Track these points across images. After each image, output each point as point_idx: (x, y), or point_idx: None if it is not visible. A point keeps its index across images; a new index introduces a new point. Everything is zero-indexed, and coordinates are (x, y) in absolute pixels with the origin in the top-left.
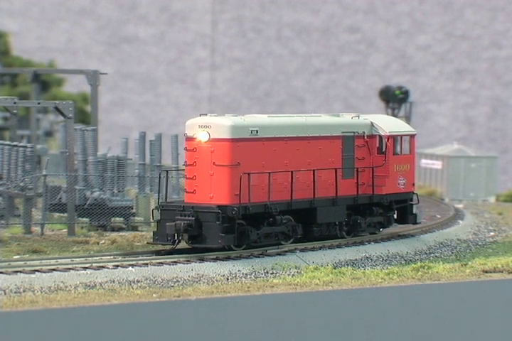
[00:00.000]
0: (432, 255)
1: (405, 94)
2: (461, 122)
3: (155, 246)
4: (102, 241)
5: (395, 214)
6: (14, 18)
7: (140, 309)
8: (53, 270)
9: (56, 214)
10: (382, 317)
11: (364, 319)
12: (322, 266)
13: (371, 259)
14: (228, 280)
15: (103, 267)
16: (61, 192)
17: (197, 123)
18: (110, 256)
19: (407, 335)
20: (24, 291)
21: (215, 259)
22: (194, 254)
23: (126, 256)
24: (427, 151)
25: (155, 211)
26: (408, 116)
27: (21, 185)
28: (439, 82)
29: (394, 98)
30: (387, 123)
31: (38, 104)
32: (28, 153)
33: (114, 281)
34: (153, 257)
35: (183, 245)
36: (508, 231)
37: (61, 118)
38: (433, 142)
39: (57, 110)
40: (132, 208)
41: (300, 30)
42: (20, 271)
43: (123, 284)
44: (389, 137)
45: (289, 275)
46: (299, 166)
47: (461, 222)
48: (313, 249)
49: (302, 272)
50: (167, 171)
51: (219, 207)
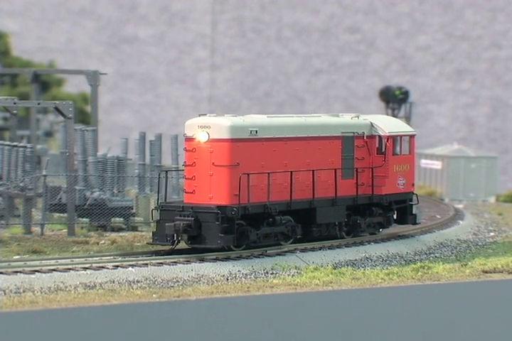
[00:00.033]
0: (432, 255)
1: (405, 95)
2: (461, 122)
3: (155, 247)
4: (102, 242)
5: (394, 214)
6: (14, 18)
7: (140, 309)
8: (53, 270)
9: (56, 215)
10: (382, 317)
11: (364, 319)
12: (322, 266)
13: (371, 259)
14: (228, 280)
15: (103, 267)
16: (61, 192)
17: (196, 124)
18: (110, 256)
19: (407, 335)
20: (24, 291)
21: (214, 259)
22: (194, 255)
23: (126, 257)
24: (427, 151)
25: (154, 211)
26: (408, 116)
27: (21, 185)
28: (439, 83)
29: (394, 98)
30: (387, 124)
31: (38, 104)
32: (28, 153)
33: (114, 281)
34: (153, 257)
35: (182, 245)
36: (508, 231)
37: (61, 118)
38: (433, 142)
39: (57, 110)
40: (132, 208)
41: (300, 31)
42: (20, 272)
43: (123, 284)
44: (388, 137)
45: (288, 275)
46: (298, 166)
47: (461, 223)
48: (313, 250)
49: (302, 272)
50: (166, 171)
51: (218, 207)
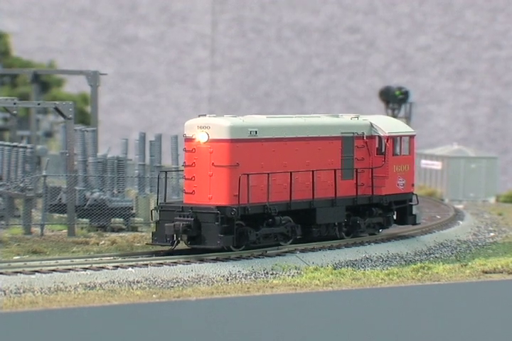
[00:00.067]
0: (432, 256)
1: (405, 95)
2: (461, 123)
3: (155, 247)
4: (102, 242)
5: (394, 214)
6: (14, 18)
7: (140, 310)
8: (53, 271)
9: (56, 215)
10: (382, 317)
11: (364, 319)
12: (322, 266)
13: (371, 260)
14: (228, 280)
15: (103, 268)
16: (61, 192)
17: (196, 124)
18: (110, 256)
19: (407, 335)
20: (24, 292)
21: (215, 260)
22: (193, 255)
23: (126, 257)
24: (427, 152)
25: (154, 212)
26: (408, 116)
27: (21, 185)
28: (439, 83)
29: (394, 98)
30: (387, 124)
31: (38, 104)
32: (28, 153)
33: (114, 282)
34: (153, 258)
35: (182, 246)
36: (508, 231)
37: (61, 118)
38: (433, 142)
39: (57, 111)
40: (132, 209)
41: (300, 31)
42: (20, 272)
43: (123, 285)
44: (388, 138)
45: (289, 275)
46: (298, 167)
47: (461, 223)
48: (313, 250)
49: (302, 273)
50: (166, 172)
51: (218, 207)
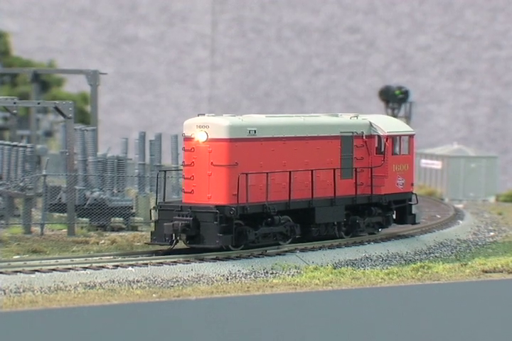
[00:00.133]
0: (432, 255)
1: (405, 95)
2: (461, 122)
3: (154, 246)
4: (102, 241)
5: (393, 214)
6: (14, 18)
7: (140, 309)
8: (53, 270)
9: (56, 214)
10: (382, 317)
11: (364, 319)
12: (322, 266)
13: (371, 259)
14: (228, 280)
15: (103, 267)
16: (61, 192)
17: (195, 124)
18: (110, 256)
19: (407, 335)
20: (24, 291)
21: (214, 259)
22: (192, 254)
23: (125, 256)
24: (427, 151)
25: (153, 211)
26: (408, 116)
27: (21, 185)
28: (439, 83)
29: (394, 98)
30: (386, 124)
31: (38, 104)
32: (27, 153)
33: (113, 281)
34: (153, 257)
35: (182, 245)
36: (507, 231)
37: (61, 118)
38: (433, 142)
39: (57, 110)
40: (132, 208)
41: (300, 31)
42: (20, 271)
43: (123, 284)
44: (388, 137)
45: (288, 275)
46: (297, 166)
47: (461, 222)
48: (313, 249)
49: (302, 272)
50: (165, 171)
51: (217, 207)
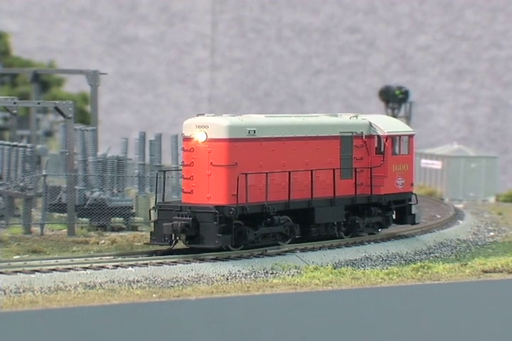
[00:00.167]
0: (432, 255)
1: (405, 95)
2: (461, 122)
3: (154, 247)
4: (102, 241)
5: (393, 214)
6: (14, 18)
7: (140, 309)
8: (53, 270)
9: (56, 215)
10: (382, 317)
11: (364, 319)
12: (322, 266)
13: (371, 259)
14: (228, 280)
15: (103, 267)
16: (61, 192)
17: (194, 124)
18: (110, 256)
19: (407, 335)
20: (24, 291)
21: (214, 259)
22: (192, 254)
23: (125, 256)
24: (427, 151)
25: (152, 211)
26: (408, 116)
27: (21, 185)
28: (439, 83)
29: (394, 98)
30: (386, 124)
31: (38, 104)
32: (27, 153)
33: (113, 281)
34: (153, 257)
35: (181, 245)
36: (507, 231)
37: (61, 118)
38: (433, 142)
39: (57, 110)
40: (132, 208)
41: (300, 31)
42: (20, 271)
43: (123, 284)
44: (387, 137)
45: (288, 275)
46: (296, 166)
47: (460, 222)
48: (313, 249)
49: (302, 272)
50: (164, 171)
51: (216, 207)
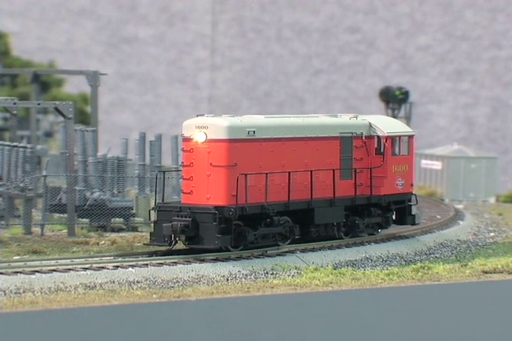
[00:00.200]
0: (432, 256)
1: (405, 95)
2: (461, 123)
3: (155, 247)
4: (102, 242)
5: (393, 215)
6: (14, 18)
7: (140, 310)
8: (53, 271)
9: (56, 215)
10: (382, 317)
11: (364, 319)
12: (322, 266)
13: (371, 260)
14: (228, 280)
15: (103, 268)
16: (61, 192)
17: (194, 124)
18: (110, 256)
19: (407, 336)
20: (24, 292)
21: (215, 260)
22: (192, 255)
23: (126, 257)
24: (427, 152)
25: (152, 212)
26: (408, 116)
27: (21, 185)
28: (439, 83)
29: (394, 98)
30: (386, 124)
31: (38, 104)
32: (28, 153)
33: (114, 282)
34: (153, 258)
35: (181, 246)
36: (508, 231)
37: (61, 118)
38: (433, 143)
39: (57, 111)
40: (132, 209)
41: (300, 31)
42: (20, 272)
43: (123, 285)
44: (387, 138)
45: (289, 275)
46: (296, 167)
47: (461, 223)
48: (313, 250)
49: (302, 273)
50: (164, 172)
51: (216, 207)
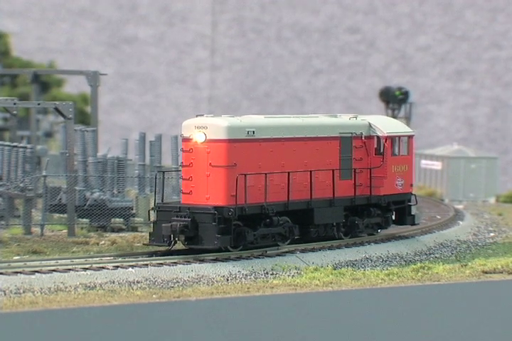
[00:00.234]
0: (432, 256)
1: (405, 95)
2: (461, 123)
3: (154, 247)
4: (102, 242)
5: (393, 215)
6: (14, 18)
7: (140, 310)
8: (53, 271)
9: (56, 215)
10: (382, 317)
11: (364, 320)
12: (322, 266)
13: (371, 260)
14: (228, 281)
15: (103, 268)
16: (61, 192)
17: (193, 124)
18: (110, 256)
19: (408, 336)
20: (24, 292)
21: (214, 260)
22: (192, 255)
23: (126, 257)
24: (427, 152)
25: (151, 212)
26: (408, 116)
27: (21, 185)
28: (439, 83)
29: (394, 99)
30: (385, 124)
31: (38, 104)
32: (28, 153)
33: (114, 282)
34: (153, 258)
35: (181, 246)
36: (508, 232)
37: (61, 119)
38: (433, 143)
39: (57, 111)
40: (132, 209)
41: (300, 31)
42: (20, 272)
43: (123, 285)
44: (387, 138)
45: (289, 276)
46: (295, 167)
47: (461, 223)
48: (313, 250)
49: (302, 273)
50: (163, 172)
51: (215, 208)
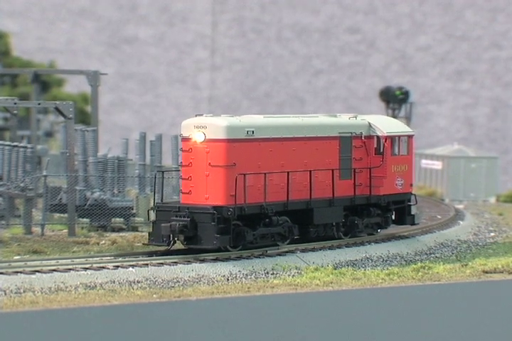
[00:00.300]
0: (433, 255)
1: (405, 95)
2: (462, 123)
3: (154, 247)
4: (103, 242)
5: (392, 215)
6: (14, 18)
7: (140, 309)
8: (54, 270)
9: (56, 215)
10: (383, 317)
11: (364, 319)
12: (322, 266)
13: (371, 260)
14: (228, 280)
15: (103, 268)
16: (61, 192)
17: (192, 124)
18: (110, 256)
19: (408, 336)
20: (24, 292)
21: (215, 260)
22: (192, 255)
23: (126, 257)
24: (427, 152)
25: (150, 212)
26: (408, 116)
27: (22, 185)
28: (439, 83)
29: (394, 99)
30: (385, 124)
31: (39, 104)
32: (28, 153)
33: (114, 282)
34: (154, 258)
35: (181, 246)
36: (508, 231)
37: (61, 118)
38: (433, 143)
39: (58, 110)
40: (132, 209)
41: (300, 31)
42: (20, 272)
43: (123, 285)
44: (386, 138)
45: (289, 275)
46: (295, 167)
47: (461, 223)
48: (313, 250)
49: (302, 273)
50: (163, 172)
51: (214, 207)
